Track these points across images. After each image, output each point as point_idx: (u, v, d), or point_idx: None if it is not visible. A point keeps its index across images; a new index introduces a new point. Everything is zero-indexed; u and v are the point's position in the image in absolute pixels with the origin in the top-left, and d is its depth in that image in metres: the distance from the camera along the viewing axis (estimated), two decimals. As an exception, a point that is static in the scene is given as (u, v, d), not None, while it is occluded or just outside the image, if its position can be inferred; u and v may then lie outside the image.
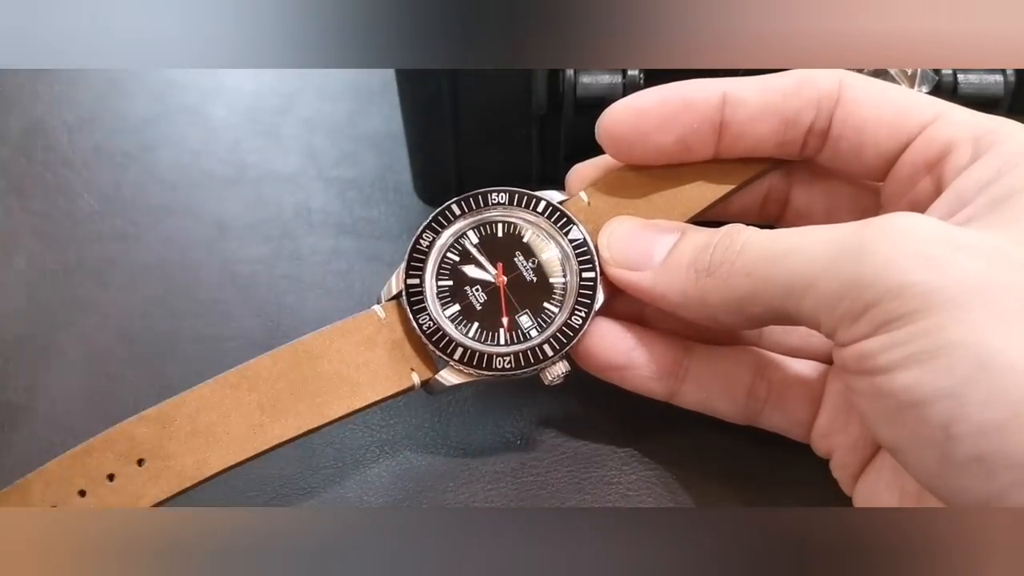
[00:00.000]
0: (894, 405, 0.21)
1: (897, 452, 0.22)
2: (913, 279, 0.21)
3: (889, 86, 0.27)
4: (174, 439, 0.26)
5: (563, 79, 0.30)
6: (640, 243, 0.27)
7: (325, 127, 0.39)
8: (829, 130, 0.26)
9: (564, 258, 0.28)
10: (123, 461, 0.25)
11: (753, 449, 0.30)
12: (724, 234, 0.25)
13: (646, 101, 0.27)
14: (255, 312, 0.34)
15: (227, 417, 0.26)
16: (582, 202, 0.29)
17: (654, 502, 0.29)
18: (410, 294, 0.28)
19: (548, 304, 0.28)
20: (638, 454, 0.30)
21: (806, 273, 0.23)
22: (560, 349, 0.27)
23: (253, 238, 0.36)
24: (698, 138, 0.27)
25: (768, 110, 0.27)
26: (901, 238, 0.22)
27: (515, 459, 0.30)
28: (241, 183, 0.37)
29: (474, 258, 0.28)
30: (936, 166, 0.25)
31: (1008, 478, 0.20)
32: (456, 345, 0.27)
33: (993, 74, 0.30)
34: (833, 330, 0.23)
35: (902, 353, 0.21)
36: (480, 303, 0.28)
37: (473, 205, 0.29)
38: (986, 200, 0.23)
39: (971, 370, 0.20)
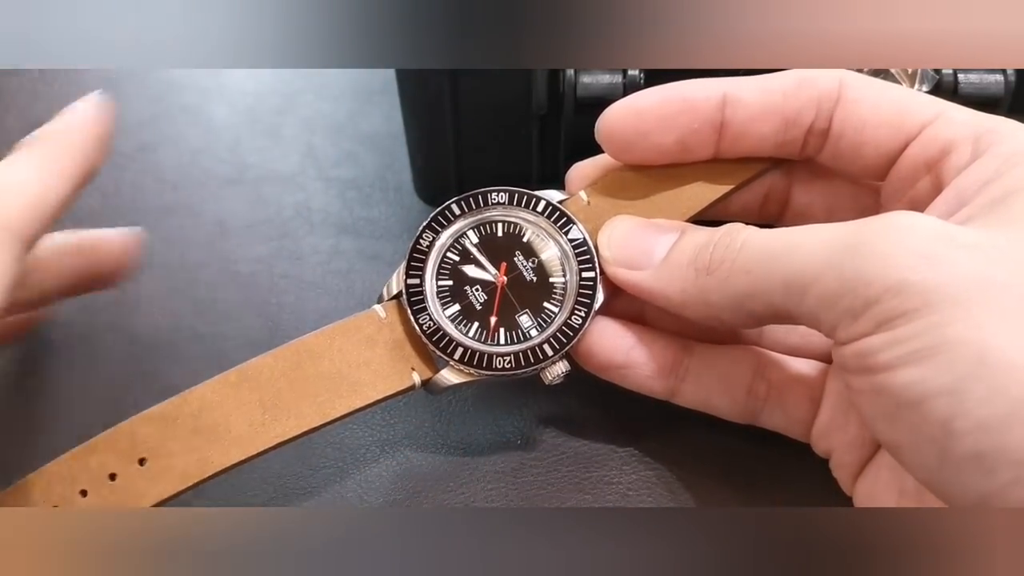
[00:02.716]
0: (894, 403, 0.21)
1: (897, 450, 0.22)
2: (913, 277, 0.21)
3: (889, 86, 0.27)
4: (176, 438, 0.26)
5: (563, 79, 0.30)
6: (640, 242, 0.27)
7: (325, 127, 0.39)
8: (829, 130, 0.27)
9: (564, 257, 0.28)
10: (125, 460, 0.26)
11: (753, 449, 0.30)
12: (724, 233, 0.25)
13: (646, 101, 0.27)
14: (255, 312, 0.34)
15: (229, 416, 0.26)
16: (582, 201, 0.29)
17: (654, 502, 0.29)
18: (410, 294, 0.28)
19: (548, 304, 0.28)
20: (638, 454, 0.30)
21: (806, 271, 0.23)
22: (560, 349, 0.27)
23: (253, 238, 0.36)
24: (698, 138, 0.27)
25: (768, 110, 0.27)
26: (901, 236, 0.22)
27: (515, 459, 0.30)
28: (241, 183, 0.37)
29: (474, 258, 0.28)
30: (936, 165, 0.25)
31: (1008, 475, 0.20)
32: (456, 345, 0.27)
33: (993, 74, 0.30)
34: (833, 328, 0.23)
35: (902, 351, 0.21)
36: (480, 303, 0.28)
37: (473, 205, 0.29)
38: (985, 199, 0.23)
39: (971, 367, 0.20)
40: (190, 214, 0.36)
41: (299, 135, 0.39)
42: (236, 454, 0.26)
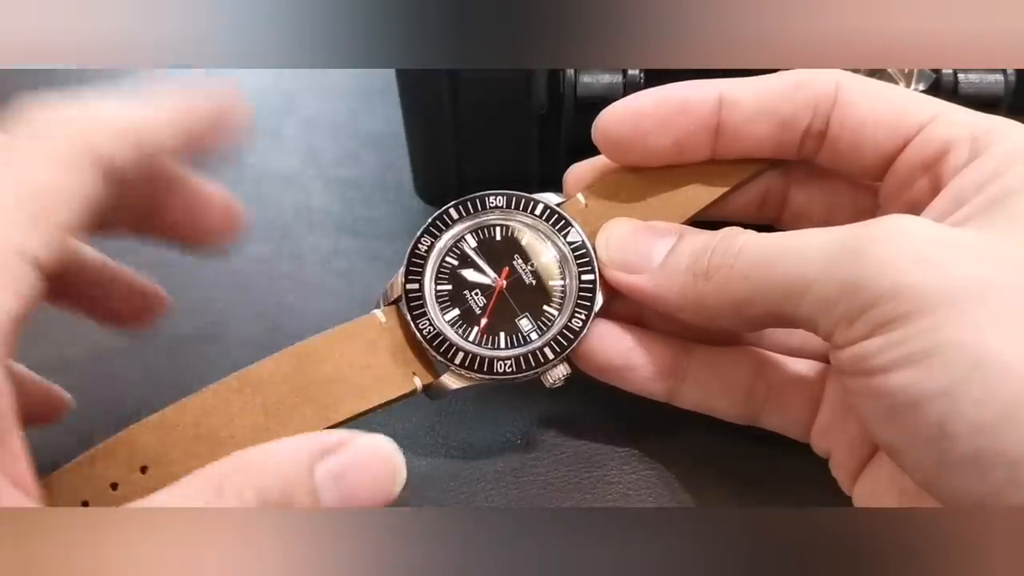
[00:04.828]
0: (890, 405, 0.21)
1: (894, 452, 0.23)
2: (909, 280, 0.21)
3: (886, 86, 0.27)
4: (177, 445, 0.26)
5: (563, 79, 0.30)
6: (638, 245, 0.27)
7: (325, 127, 0.39)
8: (826, 131, 0.26)
9: (563, 261, 0.28)
10: (126, 469, 0.25)
11: (753, 449, 0.30)
12: (722, 237, 0.25)
13: (642, 103, 0.27)
14: (255, 312, 0.34)
15: (231, 421, 0.26)
16: (580, 204, 0.29)
17: (654, 502, 0.29)
18: (410, 299, 0.28)
19: (548, 307, 0.28)
20: (638, 454, 0.30)
21: (803, 275, 0.23)
22: (561, 352, 0.27)
23: (253, 238, 0.36)
24: (694, 139, 0.27)
25: (764, 112, 0.27)
26: (897, 240, 0.22)
27: (515, 459, 0.30)
28: (241, 183, 0.37)
29: (473, 262, 0.28)
30: (934, 166, 0.25)
31: (1003, 476, 0.20)
32: (457, 350, 0.27)
33: (993, 74, 0.30)
34: (830, 332, 0.23)
35: (898, 354, 0.21)
36: (480, 307, 0.28)
37: (471, 209, 0.29)
38: (983, 200, 0.23)
39: (966, 370, 0.20)
40: (191, 214, 0.36)
41: (299, 135, 0.39)
42: None
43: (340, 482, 0.22)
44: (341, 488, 0.22)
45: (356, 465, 0.22)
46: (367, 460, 0.23)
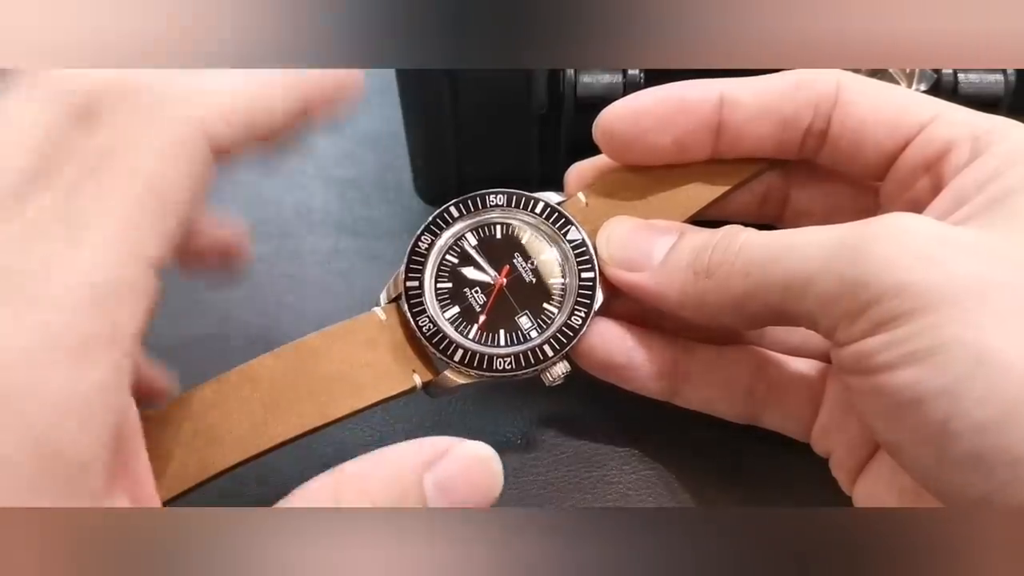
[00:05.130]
0: (892, 404, 0.21)
1: (895, 450, 0.23)
2: (911, 278, 0.21)
3: (887, 86, 0.27)
4: (176, 440, 0.26)
5: (563, 79, 0.30)
6: (639, 243, 0.27)
7: (325, 127, 0.39)
8: (827, 131, 0.27)
9: (563, 259, 0.28)
10: None
11: (753, 449, 0.30)
12: (723, 235, 0.25)
13: (643, 102, 0.27)
14: (255, 312, 0.34)
15: (229, 417, 0.26)
16: (580, 203, 0.29)
17: (654, 502, 0.29)
18: (409, 296, 0.28)
19: (548, 305, 0.28)
20: (638, 454, 0.30)
21: (804, 273, 0.23)
22: (560, 349, 0.27)
23: (253, 238, 0.36)
24: (695, 139, 0.27)
25: (765, 111, 0.27)
26: (899, 238, 0.22)
27: (515, 459, 0.30)
28: (241, 183, 0.37)
29: (473, 260, 0.28)
30: (935, 166, 0.25)
31: (1005, 474, 0.20)
32: (456, 347, 0.27)
33: (993, 74, 0.30)
34: (831, 330, 0.23)
35: (900, 352, 0.21)
36: (480, 305, 0.28)
37: (471, 207, 0.29)
38: (984, 199, 0.23)
39: (968, 368, 0.20)
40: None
41: (299, 135, 0.39)
42: (237, 455, 0.26)
43: (445, 490, 0.22)
44: (446, 496, 0.22)
45: (460, 473, 0.23)
46: (470, 467, 0.23)
